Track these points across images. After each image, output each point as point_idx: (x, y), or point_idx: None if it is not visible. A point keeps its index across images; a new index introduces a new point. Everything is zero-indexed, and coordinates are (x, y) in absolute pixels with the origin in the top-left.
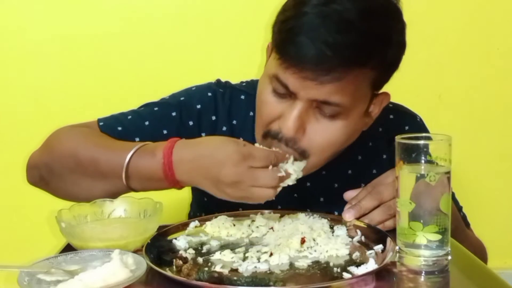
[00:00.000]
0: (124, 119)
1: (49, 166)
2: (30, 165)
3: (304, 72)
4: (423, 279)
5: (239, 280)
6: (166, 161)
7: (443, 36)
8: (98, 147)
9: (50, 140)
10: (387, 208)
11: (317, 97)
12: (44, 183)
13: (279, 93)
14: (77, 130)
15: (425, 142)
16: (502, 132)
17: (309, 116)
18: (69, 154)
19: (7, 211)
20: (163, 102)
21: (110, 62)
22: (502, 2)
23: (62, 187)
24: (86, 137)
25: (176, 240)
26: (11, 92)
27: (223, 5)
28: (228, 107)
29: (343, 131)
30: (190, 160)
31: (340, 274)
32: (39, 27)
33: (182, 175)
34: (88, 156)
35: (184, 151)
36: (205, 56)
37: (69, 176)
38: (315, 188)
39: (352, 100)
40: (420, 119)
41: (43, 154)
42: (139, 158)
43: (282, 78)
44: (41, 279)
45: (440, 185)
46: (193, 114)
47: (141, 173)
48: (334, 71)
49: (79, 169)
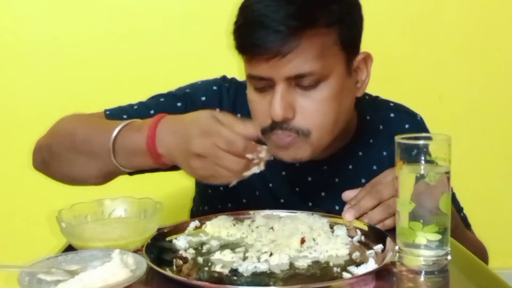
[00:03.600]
0: (129, 109)
1: (49, 147)
2: (35, 149)
3: (265, 54)
4: (423, 279)
5: (239, 280)
6: (150, 134)
7: (443, 36)
8: (92, 126)
9: (55, 124)
10: (387, 207)
11: (289, 74)
12: (46, 166)
13: (259, 89)
14: (80, 115)
15: (425, 142)
16: (502, 132)
17: (292, 95)
18: (67, 133)
19: (7, 211)
20: (169, 94)
21: (109, 61)
22: (502, 2)
23: (59, 168)
24: (85, 120)
25: (176, 240)
26: (11, 92)
27: (223, 5)
28: (233, 101)
29: (330, 96)
30: (172, 131)
31: (340, 274)
32: (39, 27)
33: (162, 148)
34: (83, 135)
35: (167, 124)
36: (205, 56)
37: (65, 156)
38: (317, 183)
39: (322, 64)
40: (421, 118)
41: (45, 137)
42: (126, 132)
43: (253, 71)
44: (41, 279)
45: (440, 185)
46: (197, 105)
47: (127, 147)
48: (288, 41)
49: (74, 148)
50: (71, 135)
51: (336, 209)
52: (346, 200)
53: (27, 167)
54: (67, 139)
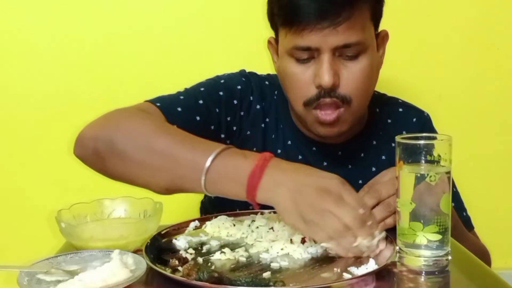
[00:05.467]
0: (179, 100)
1: (112, 141)
2: (85, 136)
3: (319, 24)
4: (423, 279)
5: (239, 280)
6: (259, 163)
7: (444, 36)
8: (181, 139)
9: (115, 116)
10: (387, 206)
11: (338, 43)
12: (99, 158)
13: (302, 60)
14: (145, 114)
15: (425, 142)
16: (502, 132)
17: (337, 64)
18: (142, 135)
19: (7, 211)
20: (205, 84)
21: (109, 61)
22: (502, 2)
23: (121, 166)
24: (160, 123)
25: (176, 240)
26: (11, 93)
27: (223, 4)
28: (259, 90)
29: (369, 67)
30: (288, 168)
31: (340, 274)
32: (39, 27)
33: (268, 182)
34: (167, 145)
35: (283, 163)
36: (205, 56)
37: (136, 158)
38: (332, 168)
39: (365, 36)
40: (428, 114)
41: (106, 128)
42: (228, 156)
43: (302, 42)
44: (41, 279)
45: (441, 185)
46: (236, 94)
47: (225, 171)
48: (342, 11)
49: (151, 154)
50: (150, 138)
51: None
52: None
53: (27, 167)
54: (143, 140)
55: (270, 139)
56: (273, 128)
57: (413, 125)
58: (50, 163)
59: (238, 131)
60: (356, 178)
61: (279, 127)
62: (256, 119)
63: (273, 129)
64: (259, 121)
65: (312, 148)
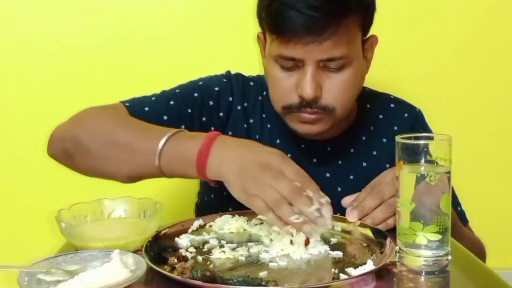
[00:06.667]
0: (148, 101)
1: (77, 139)
2: (55, 137)
3: (303, 39)
4: (423, 279)
5: (238, 280)
6: (205, 142)
7: (444, 36)
8: (136, 127)
9: (81, 116)
10: (389, 206)
11: (322, 57)
12: (67, 156)
13: (287, 68)
14: (110, 112)
15: (425, 142)
16: (502, 132)
17: (320, 75)
18: (102, 132)
19: (7, 211)
20: (181, 86)
21: (109, 61)
22: (502, 2)
23: (88, 161)
24: (121, 118)
25: (179, 239)
26: (10, 92)
27: (224, 5)
28: (241, 92)
29: (352, 78)
30: (232, 145)
31: (338, 275)
32: (39, 27)
33: (214, 158)
34: (124, 134)
35: (228, 140)
36: (205, 57)
37: (98, 151)
38: (321, 164)
39: (350, 49)
40: (420, 110)
41: (72, 128)
42: (178, 139)
43: (286, 53)
44: (41, 279)
45: (441, 185)
46: (212, 95)
47: (176, 153)
48: (328, 28)
49: (112, 145)
50: (110, 132)
51: (339, 190)
52: (346, 205)
53: (27, 167)
54: (104, 135)
55: (254, 139)
56: (258, 128)
57: (405, 120)
58: (50, 163)
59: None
60: (347, 174)
61: (265, 127)
62: (238, 120)
63: (258, 129)
64: (241, 121)
65: (301, 145)
